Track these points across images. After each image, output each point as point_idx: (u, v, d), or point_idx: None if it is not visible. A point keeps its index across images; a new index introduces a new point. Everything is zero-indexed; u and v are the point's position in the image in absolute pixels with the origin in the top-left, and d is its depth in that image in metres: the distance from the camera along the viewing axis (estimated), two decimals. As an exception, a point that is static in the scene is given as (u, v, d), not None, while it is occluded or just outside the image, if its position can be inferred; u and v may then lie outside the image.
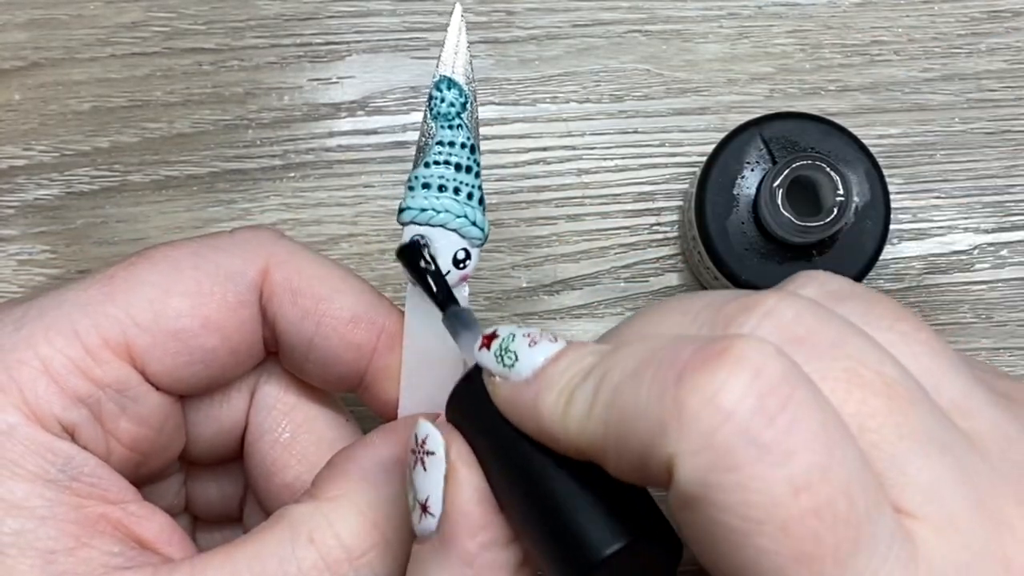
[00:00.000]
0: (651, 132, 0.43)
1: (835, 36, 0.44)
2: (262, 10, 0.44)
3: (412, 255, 0.30)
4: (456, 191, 0.30)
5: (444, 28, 0.30)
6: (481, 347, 0.26)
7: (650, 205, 0.43)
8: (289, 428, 0.32)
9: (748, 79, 0.44)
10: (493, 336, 0.26)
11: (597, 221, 0.43)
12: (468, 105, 0.30)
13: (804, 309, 0.23)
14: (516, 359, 0.25)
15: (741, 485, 0.20)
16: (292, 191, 0.43)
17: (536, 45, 0.44)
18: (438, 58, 0.30)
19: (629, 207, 0.43)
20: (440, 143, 0.30)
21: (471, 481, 0.25)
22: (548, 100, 0.44)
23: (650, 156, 0.43)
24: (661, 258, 0.43)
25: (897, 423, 0.22)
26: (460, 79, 0.30)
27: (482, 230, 0.30)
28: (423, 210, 0.30)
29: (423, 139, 0.30)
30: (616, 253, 0.43)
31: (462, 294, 0.30)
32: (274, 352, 0.32)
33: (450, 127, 0.30)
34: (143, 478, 0.31)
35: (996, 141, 0.44)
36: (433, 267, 0.30)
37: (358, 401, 0.33)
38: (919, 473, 0.21)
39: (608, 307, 0.43)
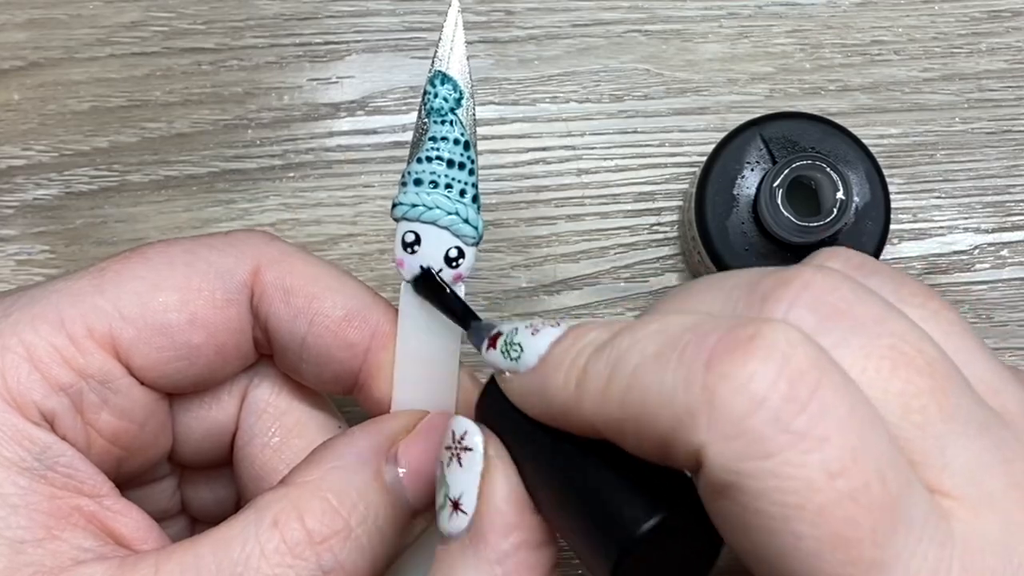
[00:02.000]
0: (651, 132, 0.43)
1: (835, 36, 0.44)
2: (261, 10, 0.44)
3: (427, 281, 0.30)
4: (448, 187, 0.29)
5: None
6: (488, 348, 0.26)
7: (650, 205, 0.43)
8: (279, 432, 0.32)
9: (748, 79, 0.44)
10: (497, 335, 0.26)
11: (597, 221, 0.43)
12: (463, 101, 0.29)
13: (841, 282, 0.23)
14: (521, 350, 0.25)
15: (775, 472, 0.20)
16: (292, 191, 0.43)
17: (536, 45, 0.44)
18: (434, 54, 0.30)
19: (629, 207, 0.43)
20: (433, 138, 0.29)
21: (507, 479, 0.25)
22: (548, 100, 0.44)
23: (650, 156, 0.43)
24: (661, 258, 0.43)
25: (940, 404, 0.22)
26: (455, 74, 0.29)
27: (476, 228, 0.30)
28: (413, 206, 0.29)
29: (417, 134, 0.30)
30: (616, 253, 0.43)
31: (458, 292, 0.30)
32: (268, 355, 0.32)
33: (443, 122, 0.29)
34: (128, 476, 0.31)
35: (996, 141, 0.44)
36: (448, 289, 0.30)
37: (353, 405, 0.33)
38: (960, 454, 0.21)
39: (608, 307, 0.43)
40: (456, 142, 0.29)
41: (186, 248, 0.30)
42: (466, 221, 0.30)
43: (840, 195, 0.35)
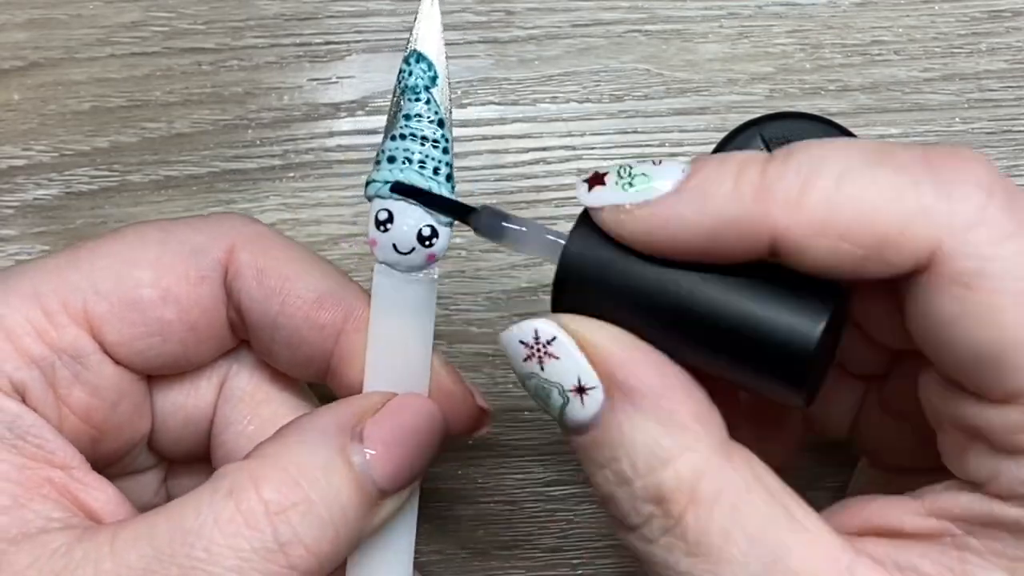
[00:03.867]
0: (651, 132, 0.43)
1: (835, 36, 0.44)
2: (262, 10, 0.44)
3: (404, 189, 0.29)
4: (422, 164, 0.29)
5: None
6: (592, 188, 0.24)
7: (650, 205, 0.43)
8: (255, 421, 0.32)
9: (748, 79, 0.44)
10: (600, 175, 0.25)
11: (597, 221, 0.43)
12: (438, 80, 0.29)
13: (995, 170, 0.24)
14: (649, 178, 0.24)
15: (1019, 251, 0.22)
16: (292, 191, 0.43)
17: (536, 45, 0.44)
18: (410, 33, 0.29)
19: (629, 207, 0.43)
20: (407, 116, 0.29)
21: (610, 334, 0.24)
22: (548, 100, 0.44)
23: (650, 156, 0.42)
24: (661, 258, 0.43)
25: None
26: (430, 53, 0.29)
27: None
28: (386, 183, 0.29)
29: (391, 113, 0.30)
30: (616, 253, 0.43)
31: (432, 275, 0.30)
32: (247, 341, 0.32)
33: (417, 100, 0.29)
34: (105, 458, 0.31)
35: (997, 141, 0.43)
36: (425, 190, 0.29)
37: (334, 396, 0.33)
38: None
39: None
40: (430, 120, 0.29)
41: (161, 227, 0.31)
42: None
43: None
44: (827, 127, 0.38)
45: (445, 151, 0.30)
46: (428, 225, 0.29)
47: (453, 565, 0.42)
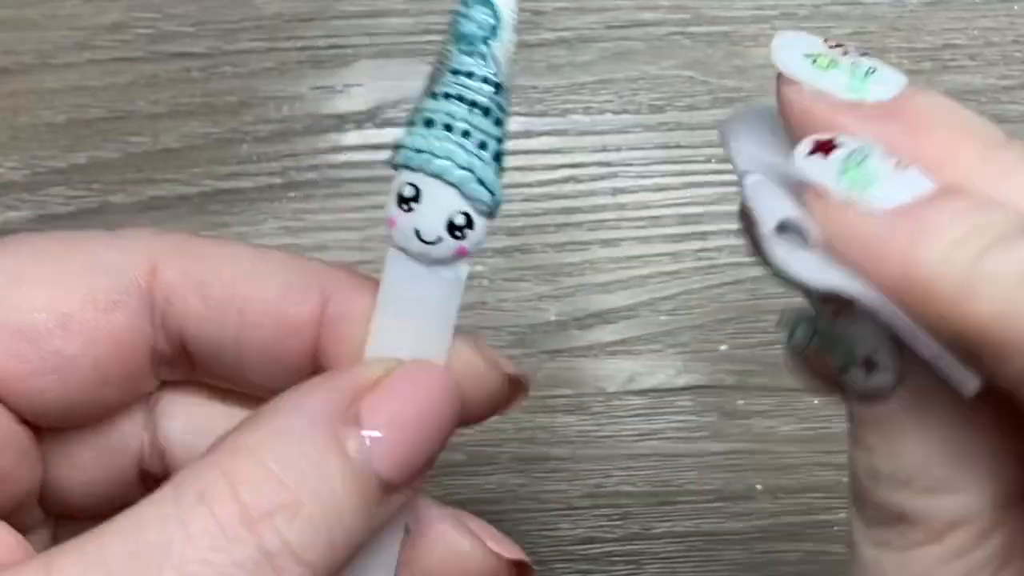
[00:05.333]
0: (696, 147, 0.42)
1: (902, 39, 0.43)
2: (258, 9, 0.43)
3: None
4: (466, 135, 0.25)
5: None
6: (814, 152, 0.21)
7: (695, 228, 0.42)
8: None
9: (804, 87, 0.42)
10: (833, 144, 0.21)
11: (635, 246, 0.42)
12: (499, 33, 0.25)
13: None
14: (874, 181, 0.20)
15: None
16: (292, 213, 0.42)
17: (567, 49, 0.43)
18: None
19: (671, 231, 0.42)
20: (455, 72, 0.25)
21: None
22: (580, 111, 0.42)
23: (694, 174, 0.42)
24: (707, 288, 0.41)
25: None
26: None
27: (492, 194, 0.25)
28: (419, 151, 0.25)
29: (436, 63, 0.26)
30: (657, 282, 0.41)
31: (459, 275, 0.26)
32: (169, 382, 0.29)
33: (471, 53, 0.25)
34: None
35: (1084, 157, 0.41)
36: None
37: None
38: None
39: (647, 343, 0.41)
40: (485, 80, 0.25)
41: (61, 240, 0.27)
42: (480, 181, 0.25)
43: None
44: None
45: (498, 122, 0.25)
46: (463, 212, 0.25)
47: None
